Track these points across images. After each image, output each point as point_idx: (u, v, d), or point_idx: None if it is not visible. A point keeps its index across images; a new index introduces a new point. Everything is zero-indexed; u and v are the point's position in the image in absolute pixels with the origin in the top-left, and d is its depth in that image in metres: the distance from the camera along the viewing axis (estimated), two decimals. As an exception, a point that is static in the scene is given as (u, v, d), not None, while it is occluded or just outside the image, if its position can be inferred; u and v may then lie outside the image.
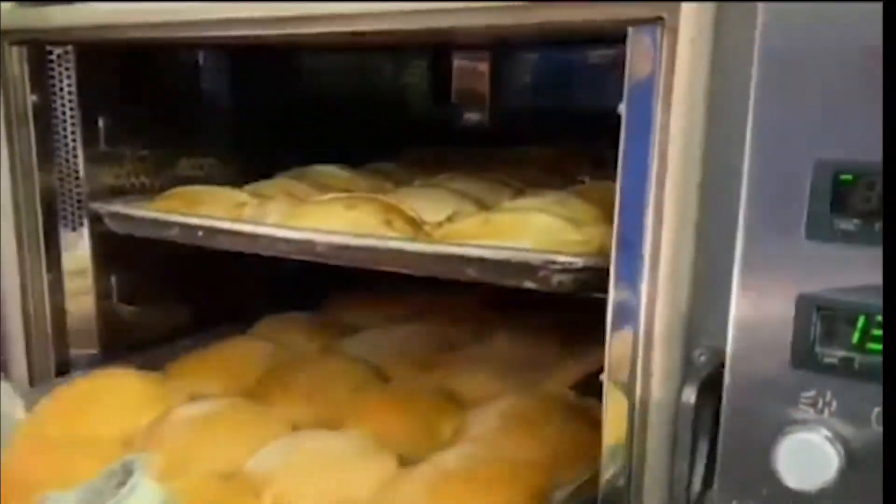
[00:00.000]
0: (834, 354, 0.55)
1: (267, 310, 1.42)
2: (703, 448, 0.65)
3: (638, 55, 0.71)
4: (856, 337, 0.55)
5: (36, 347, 1.21)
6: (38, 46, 1.17)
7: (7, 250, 1.19)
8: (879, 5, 0.50)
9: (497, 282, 0.87)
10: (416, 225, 0.99)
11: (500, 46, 1.70)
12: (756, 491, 0.59)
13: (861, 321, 0.54)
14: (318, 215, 1.00)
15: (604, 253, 0.78)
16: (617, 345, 0.75)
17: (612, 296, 0.75)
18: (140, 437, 1.01)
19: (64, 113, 1.21)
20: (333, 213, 1.00)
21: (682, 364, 0.69)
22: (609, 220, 0.75)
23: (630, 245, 0.73)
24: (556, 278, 0.83)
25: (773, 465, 0.57)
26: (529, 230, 0.90)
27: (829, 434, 0.56)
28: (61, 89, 1.20)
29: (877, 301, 0.53)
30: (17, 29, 1.13)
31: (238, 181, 1.28)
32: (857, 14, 0.52)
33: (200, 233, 1.05)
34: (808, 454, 0.56)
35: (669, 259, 0.70)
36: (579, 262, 0.81)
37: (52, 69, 1.19)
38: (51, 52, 1.19)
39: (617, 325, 0.75)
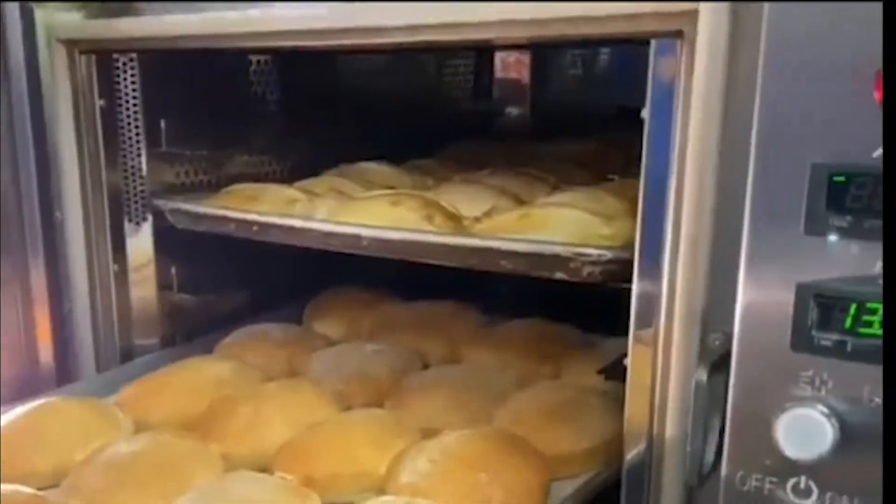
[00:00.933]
0: (829, 338, 0.61)
1: (313, 293, 1.49)
2: (715, 424, 0.71)
3: (660, 64, 0.77)
4: (848, 322, 0.60)
5: (103, 336, 1.28)
6: (104, 54, 1.23)
7: (76, 245, 1.25)
8: (870, 33, 0.56)
9: (530, 272, 0.93)
10: (455, 219, 1.05)
11: (542, 46, 1.75)
12: (759, 461, 0.65)
13: (853, 308, 0.60)
14: (364, 211, 1.08)
15: (630, 246, 0.83)
16: (640, 331, 0.82)
17: (636, 286, 0.82)
18: (72, 475, 0.96)
19: (128, 116, 1.28)
20: (378, 210, 1.07)
21: (699, 347, 0.76)
22: (635, 215, 0.82)
23: (653, 239, 0.80)
24: (586, 270, 0.89)
25: (774, 437, 0.63)
26: (562, 225, 0.97)
27: (825, 410, 0.62)
28: (126, 94, 1.27)
29: (867, 290, 0.59)
30: (86, 39, 1.19)
31: (288, 177, 1.37)
32: (850, 35, 0.58)
33: (255, 228, 1.12)
34: (806, 427, 0.62)
35: (687, 252, 0.76)
36: (608, 254, 0.88)
37: (118, 75, 1.26)
38: (116, 60, 1.26)
39: (640, 313, 0.82)
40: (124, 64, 1.27)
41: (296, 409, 1.08)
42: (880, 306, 0.59)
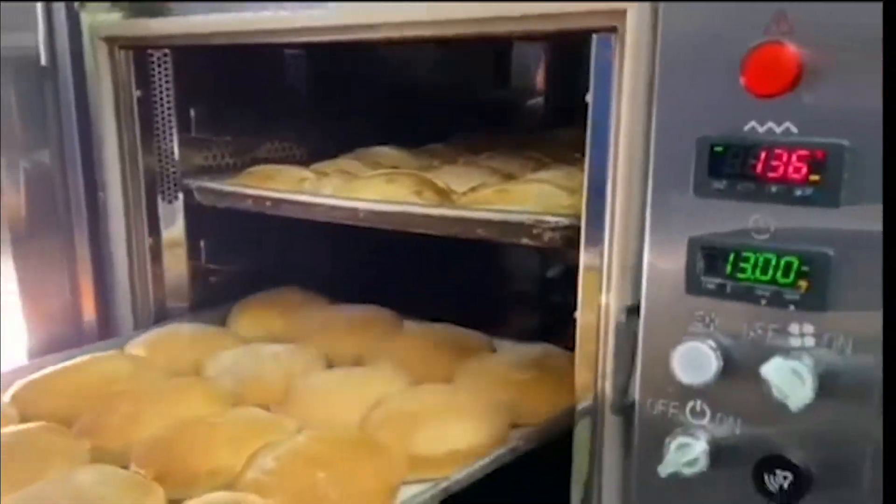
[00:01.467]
0: (713, 282, 0.73)
1: (328, 269, 1.60)
2: (637, 362, 0.83)
3: (599, 56, 0.88)
4: (728, 269, 0.72)
5: (140, 301, 1.39)
6: (140, 50, 1.33)
7: (116, 220, 1.36)
8: (736, 29, 0.68)
9: (502, 239, 1.06)
10: (444, 194, 1.17)
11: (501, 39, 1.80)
12: (664, 389, 0.77)
13: (731, 257, 0.72)
14: (364, 188, 1.20)
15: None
16: (586, 286, 0.93)
17: (582, 249, 0.93)
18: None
19: (162, 105, 1.37)
20: (376, 186, 1.19)
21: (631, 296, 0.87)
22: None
23: (596, 207, 0.91)
24: (546, 235, 1.01)
25: (672, 367, 0.75)
26: (531, 197, 1.08)
27: (712, 343, 0.74)
28: (160, 85, 1.36)
29: (741, 242, 0.71)
30: (125, 36, 1.30)
31: (308, 160, 1.45)
32: (721, 31, 0.70)
33: (269, 203, 1.24)
34: (696, 357, 0.74)
35: (621, 218, 0.86)
36: (564, 221, 0.98)
37: (153, 69, 1.36)
38: (151, 55, 1.35)
39: (587, 271, 0.93)
40: (158, 59, 1.36)
41: (177, 407, 1.07)
42: (752, 255, 0.71)
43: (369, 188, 1.19)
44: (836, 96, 0.66)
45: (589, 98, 0.90)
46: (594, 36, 0.89)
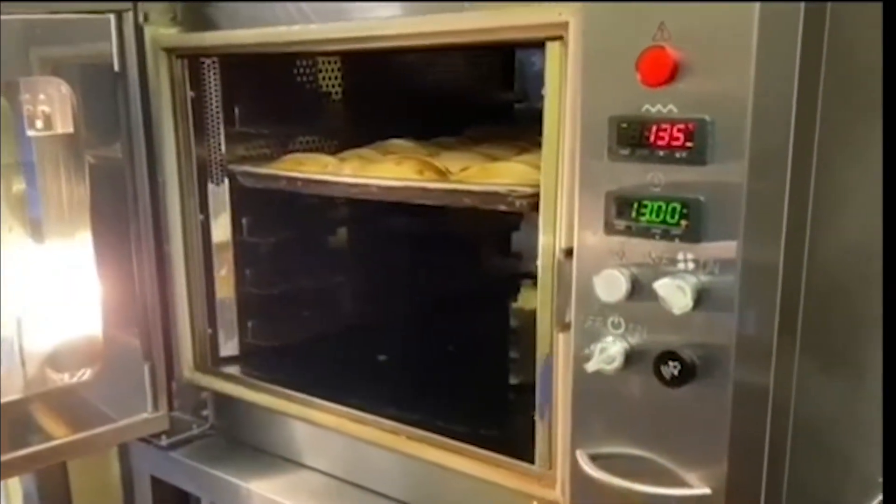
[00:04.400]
0: (623, 224, 0.97)
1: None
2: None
3: (551, 59, 1.10)
4: (633, 214, 0.96)
5: (191, 265, 1.59)
6: (194, 58, 1.51)
7: (172, 200, 1.55)
8: (633, 30, 0.93)
9: (483, 206, 1.31)
10: (441, 173, 1.43)
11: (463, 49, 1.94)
12: (591, 307, 1.01)
13: (635, 205, 0.96)
14: (377, 169, 1.46)
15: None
16: (546, 243, 1.17)
17: (541, 212, 1.17)
18: None
19: (211, 104, 1.56)
20: (386, 168, 1.45)
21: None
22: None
23: (549, 179, 1.15)
24: (517, 202, 1.25)
25: (596, 291, 1.00)
26: (508, 173, 1.33)
27: (624, 271, 0.98)
28: (210, 88, 1.55)
29: (642, 193, 0.95)
30: (181, 47, 1.49)
31: (335, 152, 1.63)
32: (621, 31, 0.94)
33: (300, 183, 1.51)
34: (612, 282, 0.98)
35: (566, 187, 1.10)
36: (530, 190, 1.22)
37: (204, 74, 1.54)
38: (203, 62, 1.53)
39: (545, 228, 1.18)
40: (208, 65, 1.54)
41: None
42: (649, 203, 0.95)
43: (381, 169, 1.45)
44: (701, 85, 0.90)
45: (544, 92, 1.15)
46: (547, 44, 1.12)
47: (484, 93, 2.18)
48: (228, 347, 1.68)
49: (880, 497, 1.27)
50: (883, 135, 1.06)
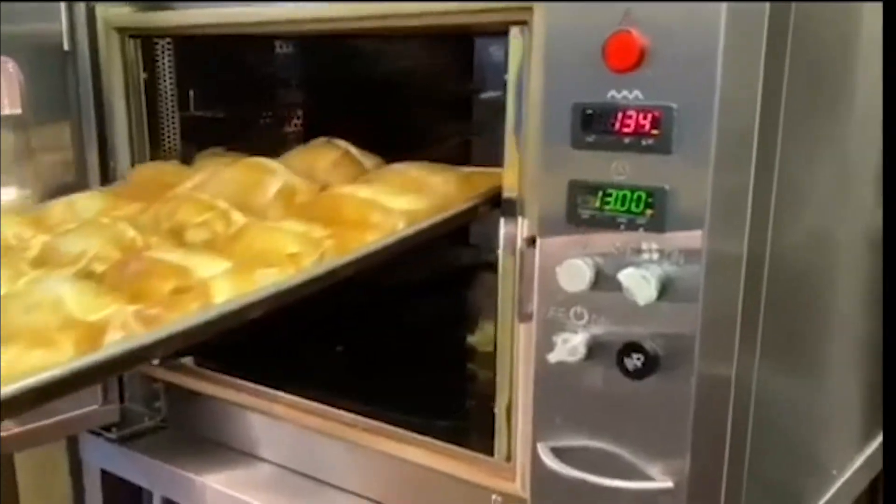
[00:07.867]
0: (587, 213, 0.96)
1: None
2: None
3: (514, 45, 1.09)
4: (597, 203, 0.95)
5: None
6: (147, 39, 1.52)
7: None
8: (597, 20, 0.91)
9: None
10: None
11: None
12: (554, 297, 1.00)
13: (599, 193, 0.94)
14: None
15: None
16: (508, 230, 1.16)
17: (503, 199, 1.16)
18: None
19: (165, 86, 1.57)
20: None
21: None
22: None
23: (511, 168, 1.13)
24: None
25: (558, 280, 0.98)
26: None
27: (588, 260, 0.96)
28: (163, 69, 1.56)
29: (606, 181, 0.94)
30: (133, 27, 1.49)
31: (293, 140, 1.69)
32: (586, 22, 0.92)
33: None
34: (575, 272, 0.96)
35: (529, 176, 1.09)
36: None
37: (157, 55, 1.55)
38: (156, 43, 1.54)
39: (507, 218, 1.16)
40: (162, 46, 1.55)
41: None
42: (614, 191, 0.93)
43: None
44: (668, 72, 0.89)
45: (507, 77, 1.13)
46: (511, 28, 1.10)
47: (443, 82, 2.15)
48: (181, 337, 1.61)
49: (835, 488, 1.27)
50: (883, 135, 1.10)
